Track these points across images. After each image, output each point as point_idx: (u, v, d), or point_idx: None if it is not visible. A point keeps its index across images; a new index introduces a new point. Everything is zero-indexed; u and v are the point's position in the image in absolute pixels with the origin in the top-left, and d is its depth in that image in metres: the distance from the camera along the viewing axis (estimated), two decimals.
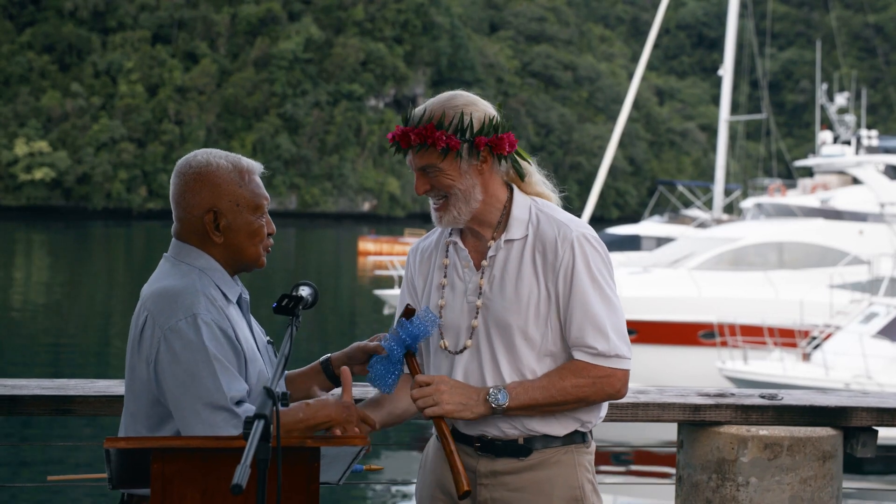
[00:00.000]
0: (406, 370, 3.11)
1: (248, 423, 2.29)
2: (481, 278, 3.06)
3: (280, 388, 2.50)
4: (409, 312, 3.09)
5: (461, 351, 3.08)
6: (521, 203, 3.08)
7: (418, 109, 3.03)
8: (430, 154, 2.99)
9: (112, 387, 3.61)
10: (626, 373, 3.01)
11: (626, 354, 3.00)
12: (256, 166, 3.00)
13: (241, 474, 2.17)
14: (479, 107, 3.03)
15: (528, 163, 3.14)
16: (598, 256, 3.01)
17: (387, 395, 3.11)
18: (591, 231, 3.04)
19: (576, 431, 3.07)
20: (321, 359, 3.21)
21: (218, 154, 2.97)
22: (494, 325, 3.04)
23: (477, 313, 3.06)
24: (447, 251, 3.15)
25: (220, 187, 2.91)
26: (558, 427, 3.05)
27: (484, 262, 3.07)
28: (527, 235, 3.04)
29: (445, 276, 3.13)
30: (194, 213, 2.92)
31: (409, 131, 3.00)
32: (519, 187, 3.11)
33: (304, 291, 2.88)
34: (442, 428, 3.00)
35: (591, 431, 3.12)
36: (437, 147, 2.97)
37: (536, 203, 3.09)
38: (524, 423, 3.04)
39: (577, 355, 3.00)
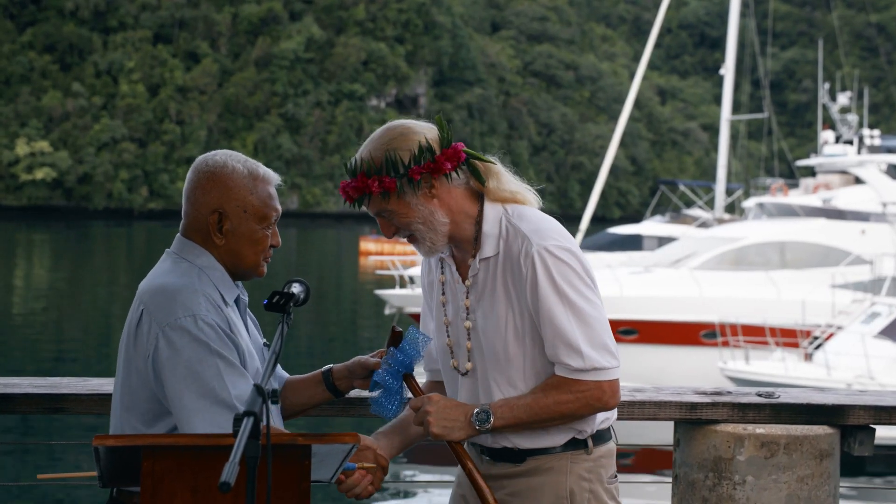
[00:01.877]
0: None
1: (238, 420, 2.27)
2: (466, 298, 3.02)
3: (270, 385, 2.48)
4: (395, 338, 3.05)
5: (466, 373, 3.05)
6: (492, 217, 2.96)
7: (353, 159, 2.97)
8: (375, 201, 2.94)
9: (105, 385, 3.57)
10: (612, 383, 2.91)
11: (605, 365, 2.89)
12: (273, 177, 2.98)
13: (230, 472, 2.15)
14: (408, 137, 2.93)
15: (491, 163, 3.00)
16: (563, 267, 2.88)
17: (396, 421, 3.11)
18: (555, 241, 2.90)
19: (573, 439, 3.00)
20: (323, 369, 3.20)
21: (237, 158, 2.95)
22: (484, 346, 2.99)
23: (469, 335, 3.02)
24: (442, 267, 3.10)
25: (231, 190, 2.90)
26: (549, 439, 2.99)
27: (467, 282, 3.01)
28: (498, 252, 2.96)
29: (444, 294, 3.08)
30: (201, 211, 2.92)
31: (347, 187, 2.96)
32: (485, 193, 2.98)
33: (296, 288, 2.86)
34: (454, 448, 2.98)
35: (591, 438, 3.01)
36: (375, 193, 2.92)
37: (508, 213, 2.97)
38: (511, 440, 3.00)
39: (557, 371, 2.92)
